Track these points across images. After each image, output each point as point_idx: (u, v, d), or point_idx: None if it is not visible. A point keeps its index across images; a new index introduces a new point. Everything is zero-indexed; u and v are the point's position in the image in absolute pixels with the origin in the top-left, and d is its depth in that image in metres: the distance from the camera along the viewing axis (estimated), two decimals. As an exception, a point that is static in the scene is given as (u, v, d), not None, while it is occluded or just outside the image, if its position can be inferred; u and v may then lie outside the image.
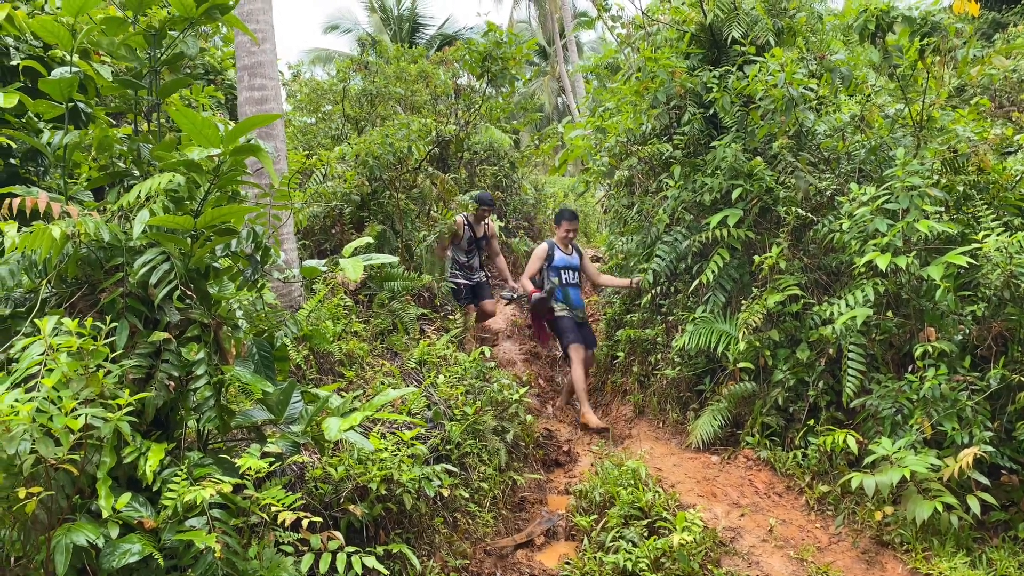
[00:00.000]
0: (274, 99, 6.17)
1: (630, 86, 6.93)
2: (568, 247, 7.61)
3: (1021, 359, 4.62)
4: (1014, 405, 4.49)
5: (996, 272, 4.48)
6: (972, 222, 5.11)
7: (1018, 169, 5.16)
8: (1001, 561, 4.15)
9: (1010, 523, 4.44)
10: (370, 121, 10.35)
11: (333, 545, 3.42)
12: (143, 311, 3.10)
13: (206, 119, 2.89)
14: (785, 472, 5.28)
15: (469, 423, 5.37)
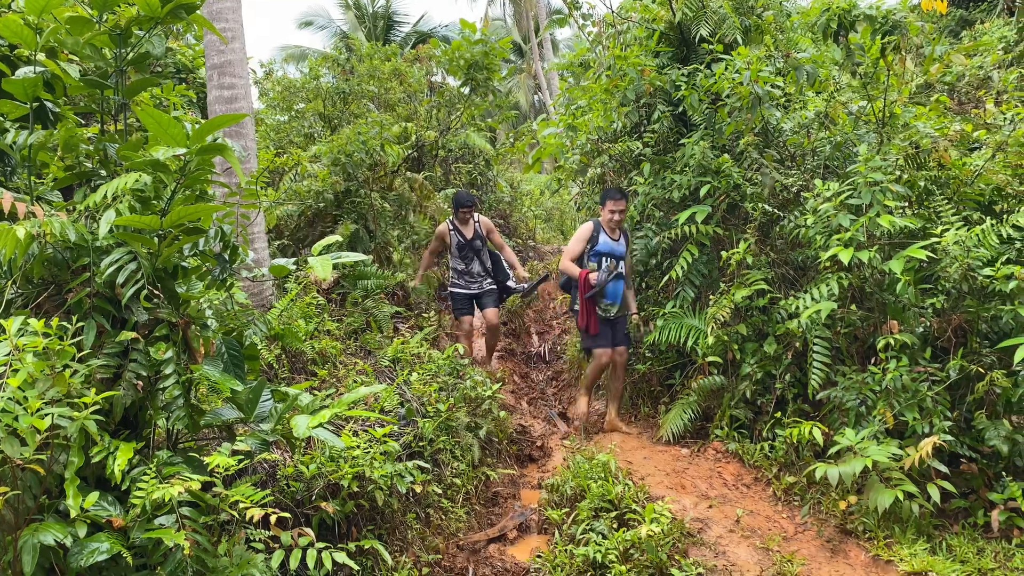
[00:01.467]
0: (244, 98, 6.17)
1: (600, 84, 6.99)
2: (616, 232, 6.48)
3: (979, 350, 4.74)
4: (973, 395, 4.60)
5: (955, 265, 4.59)
6: (933, 217, 5.22)
7: (977, 164, 5.28)
8: (961, 547, 4.25)
9: (969, 510, 4.56)
10: (344, 119, 10.34)
11: (304, 541, 3.45)
12: (110, 311, 3.10)
13: (172, 119, 2.90)
14: (753, 464, 5.38)
15: (442, 420, 5.41)
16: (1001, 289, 4.45)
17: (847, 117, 5.67)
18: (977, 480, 4.62)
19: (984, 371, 4.52)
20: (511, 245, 12.09)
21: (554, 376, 8.72)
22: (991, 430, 4.45)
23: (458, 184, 11.57)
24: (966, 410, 4.68)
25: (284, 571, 3.60)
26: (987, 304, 4.68)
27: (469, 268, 7.66)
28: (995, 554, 4.18)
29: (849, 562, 4.29)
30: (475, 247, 7.65)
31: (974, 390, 4.57)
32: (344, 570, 3.95)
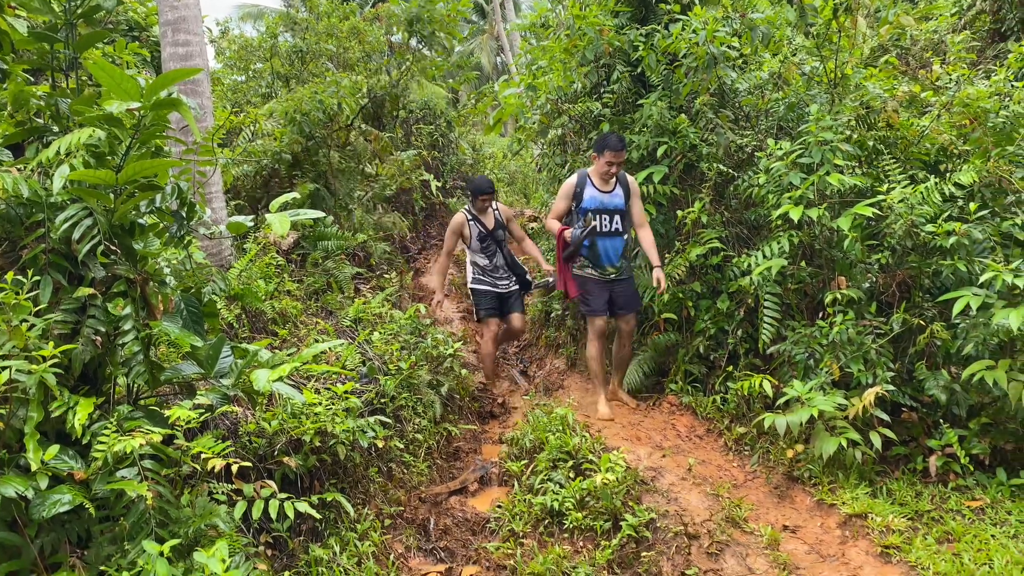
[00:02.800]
0: (199, 55, 6.08)
1: (560, 44, 6.99)
2: (610, 182, 5.75)
3: (922, 304, 4.92)
4: (915, 347, 4.79)
5: (899, 222, 4.75)
6: (882, 176, 5.37)
7: (923, 125, 5.43)
8: (900, 491, 4.47)
9: (909, 457, 4.77)
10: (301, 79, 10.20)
11: (266, 493, 3.52)
12: (67, 267, 3.10)
13: (124, 72, 2.89)
14: (705, 416, 5.57)
15: (404, 377, 5.49)
16: (942, 245, 4.63)
17: (800, 78, 5.78)
18: (917, 428, 4.83)
19: (925, 324, 4.71)
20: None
21: (516, 336, 8.83)
22: (931, 380, 4.65)
23: (419, 145, 11.52)
24: (908, 361, 4.88)
25: (247, 523, 3.68)
26: (929, 260, 4.86)
27: (494, 262, 6.81)
28: (932, 497, 4.39)
29: (795, 507, 4.49)
30: (498, 238, 6.81)
31: (916, 342, 4.77)
32: (307, 522, 4.04)
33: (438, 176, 11.65)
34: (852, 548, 4.02)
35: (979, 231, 4.65)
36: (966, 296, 4.37)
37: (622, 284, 5.88)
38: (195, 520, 3.07)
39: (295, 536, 3.90)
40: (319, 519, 3.91)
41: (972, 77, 5.85)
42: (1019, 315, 4.10)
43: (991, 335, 4.40)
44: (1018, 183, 4.97)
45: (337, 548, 3.89)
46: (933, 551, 3.86)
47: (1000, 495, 4.35)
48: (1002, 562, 3.67)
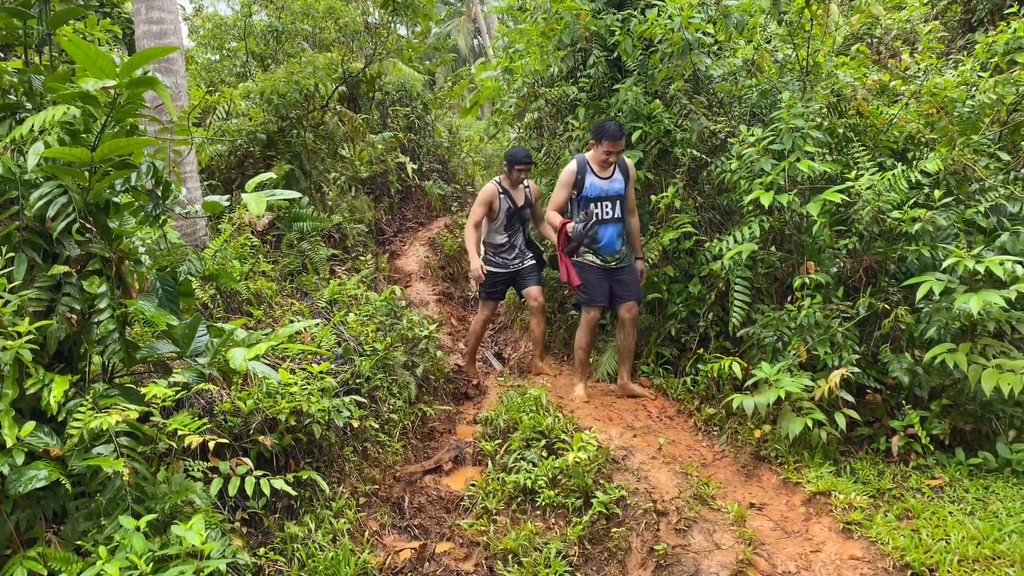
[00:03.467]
0: (173, 33, 6.02)
1: (537, 27, 7.01)
2: (609, 169, 5.68)
3: (887, 289, 5.04)
4: (880, 331, 4.91)
5: (867, 209, 4.85)
6: (851, 162, 5.47)
7: (892, 113, 5.53)
8: (863, 470, 4.59)
9: (873, 437, 4.90)
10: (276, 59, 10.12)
11: (242, 470, 3.56)
12: (41, 245, 3.10)
13: (100, 50, 2.88)
14: (676, 397, 5.68)
15: (379, 358, 5.53)
16: (908, 231, 4.74)
17: (773, 65, 5.86)
18: (881, 409, 4.96)
19: (890, 308, 4.83)
20: (450, 191, 12.13)
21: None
22: (895, 363, 4.77)
23: (395, 127, 11.49)
24: (873, 345, 5.00)
25: (223, 500, 3.72)
26: (895, 245, 4.97)
27: (513, 241, 6.53)
28: (893, 476, 4.52)
29: (761, 485, 4.60)
30: (523, 216, 6.52)
31: (881, 326, 4.88)
32: (282, 500, 4.08)
33: (414, 158, 11.64)
34: (815, 524, 4.14)
35: (943, 218, 4.77)
36: (929, 281, 4.49)
37: (623, 272, 5.77)
38: (171, 496, 3.10)
39: (270, 514, 3.95)
40: (295, 496, 3.96)
41: (940, 67, 5.95)
42: (979, 300, 4.22)
43: (953, 319, 4.53)
44: (982, 171, 5.09)
45: (312, 525, 3.94)
46: (893, 527, 3.98)
47: (958, 474, 4.48)
48: (958, 537, 3.80)
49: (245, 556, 3.17)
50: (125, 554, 2.68)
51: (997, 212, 5.05)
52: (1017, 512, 3.94)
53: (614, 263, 5.73)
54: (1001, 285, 4.36)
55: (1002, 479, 4.40)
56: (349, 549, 3.88)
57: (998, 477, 4.44)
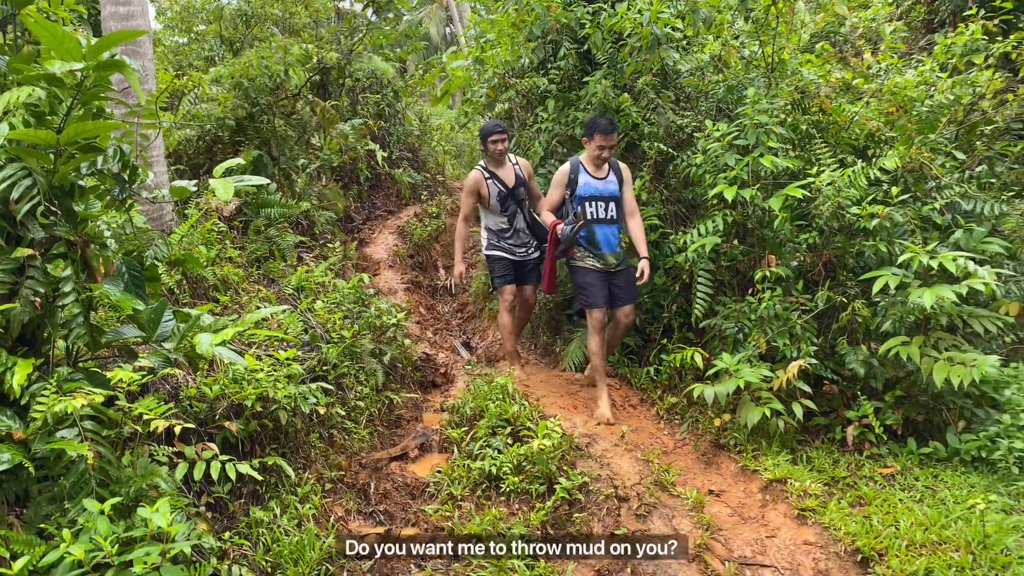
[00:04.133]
0: (141, 15, 5.95)
1: (508, 18, 7.04)
2: (602, 168, 5.58)
3: (845, 282, 5.17)
4: (837, 323, 5.05)
5: (827, 204, 4.97)
6: (813, 159, 5.59)
7: (854, 111, 5.66)
8: (819, 459, 4.73)
9: (829, 426, 5.04)
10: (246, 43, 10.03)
11: (207, 455, 3.57)
12: (5, 227, 3.08)
13: (67, 32, 2.87)
14: (640, 386, 5.78)
15: (346, 346, 5.55)
16: (866, 227, 4.87)
17: (739, 61, 5.96)
18: (837, 400, 5.10)
19: (848, 301, 4.96)
20: (420, 180, 12.11)
21: (459, 308, 8.94)
22: (851, 355, 4.91)
23: (366, 115, 11.44)
24: (830, 337, 5.14)
25: (188, 484, 3.73)
26: (853, 240, 5.10)
27: (514, 224, 6.17)
28: (847, 464, 4.66)
29: (720, 472, 4.72)
30: (518, 197, 6.12)
31: (838, 319, 5.02)
32: (248, 485, 4.10)
33: (384, 146, 11.60)
34: (772, 511, 4.26)
35: (900, 214, 4.90)
36: (885, 276, 4.62)
37: (622, 275, 5.60)
38: (136, 480, 3.11)
39: (235, 499, 3.96)
40: (260, 481, 3.98)
41: (901, 66, 6.09)
42: (932, 295, 4.36)
43: (907, 313, 4.67)
44: (938, 170, 5.24)
45: (278, 510, 3.97)
46: (845, 513, 4.11)
47: (909, 463, 4.64)
48: (907, 523, 3.94)
49: (210, 539, 3.20)
50: (89, 537, 2.69)
51: (952, 209, 5.21)
52: (963, 499, 4.09)
53: (613, 265, 5.59)
54: (954, 280, 4.51)
55: (951, 468, 4.56)
56: (314, 534, 3.91)
57: (947, 466, 4.60)
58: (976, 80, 5.62)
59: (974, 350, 4.69)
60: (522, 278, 6.24)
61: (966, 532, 3.78)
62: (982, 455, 4.58)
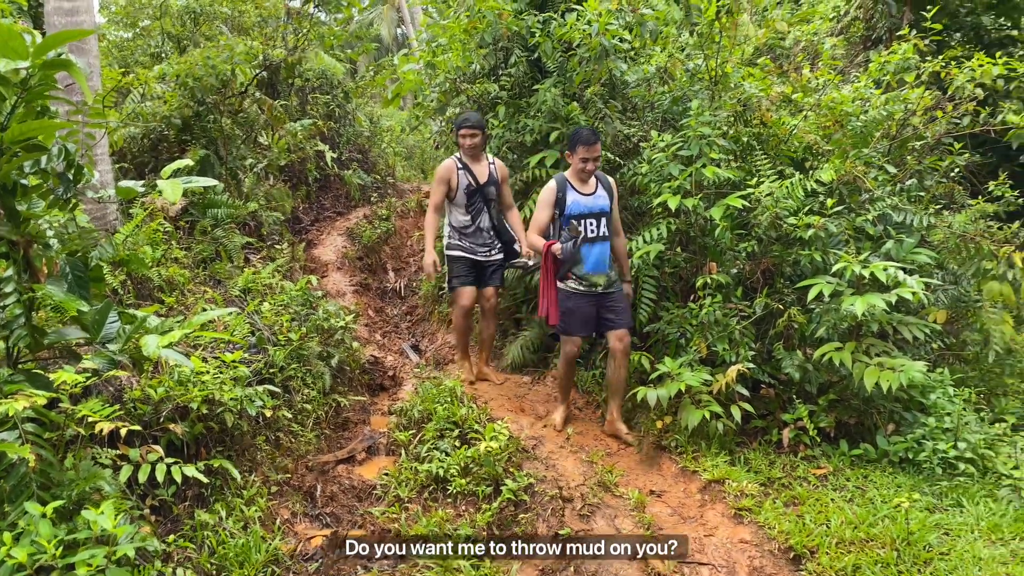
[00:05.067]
0: (86, 11, 5.86)
1: (459, 24, 7.10)
2: (589, 182, 5.25)
3: (782, 290, 5.37)
4: (774, 329, 5.23)
5: (765, 214, 5.15)
6: (753, 170, 5.78)
7: (793, 124, 5.87)
8: (756, 460, 4.89)
9: (766, 429, 5.22)
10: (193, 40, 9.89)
11: (152, 457, 3.55)
12: (-56, 226, 3.04)
13: (12, 29, 2.84)
14: (586, 389, 5.89)
15: (293, 348, 5.54)
16: (802, 236, 5.06)
17: (684, 74, 6.12)
18: (774, 403, 5.28)
19: (784, 308, 5.15)
20: (370, 181, 12.08)
21: (409, 311, 8.95)
22: (787, 360, 5.09)
23: (315, 115, 11.37)
24: (768, 342, 5.32)
25: (131, 488, 3.70)
26: (790, 249, 5.30)
27: (479, 223, 5.93)
28: (783, 465, 4.84)
29: (661, 473, 4.85)
30: (487, 195, 5.90)
31: (775, 325, 5.20)
32: (193, 488, 4.08)
33: (333, 147, 11.55)
34: (710, 511, 4.41)
35: (834, 225, 5.11)
36: (820, 284, 4.81)
37: (612, 297, 5.24)
38: (79, 483, 3.09)
39: (180, 502, 3.94)
40: (206, 484, 3.97)
41: (838, 82, 6.33)
42: (864, 303, 4.56)
43: (840, 320, 4.87)
44: (871, 183, 5.47)
45: (223, 513, 3.95)
46: (780, 513, 4.27)
47: (841, 464, 4.84)
48: (837, 522, 4.12)
49: (154, 542, 3.18)
50: (31, 540, 2.67)
51: (884, 221, 5.44)
52: (890, 499, 4.29)
53: (602, 287, 5.19)
54: (885, 289, 4.71)
55: (880, 468, 4.77)
56: (260, 536, 3.91)
57: (876, 467, 4.81)
58: (908, 97, 5.87)
59: (903, 356, 4.92)
60: (483, 280, 6.05)
61: (892, 530, 3.97)
62: (909, 456, 4.80)
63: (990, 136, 6.11)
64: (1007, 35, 12.11)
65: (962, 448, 4.69)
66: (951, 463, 4.68)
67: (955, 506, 4.32)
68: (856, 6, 12.11)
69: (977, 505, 4.28)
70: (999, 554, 3.78)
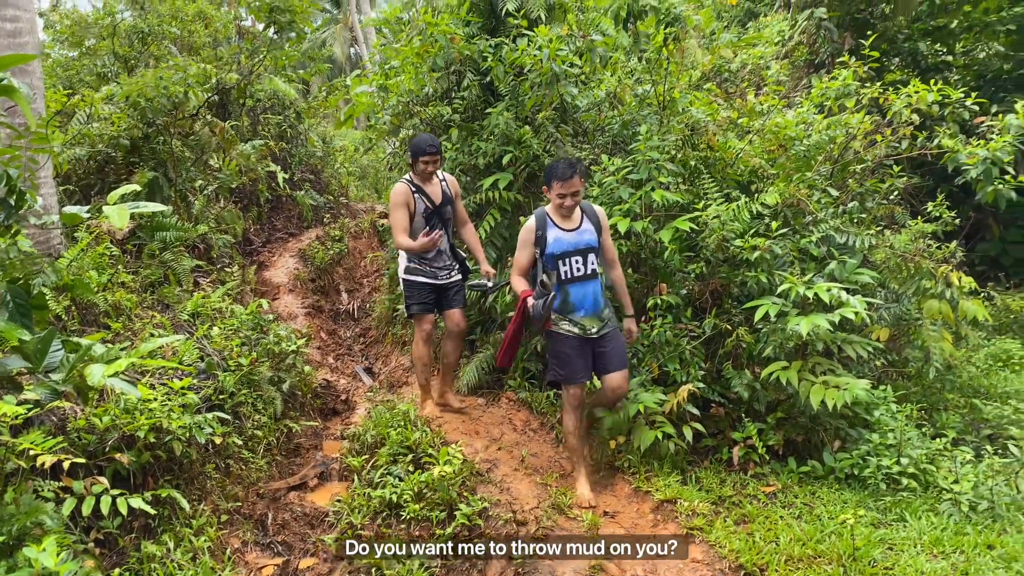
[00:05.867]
0: (30, 32, 5.75)
1: (412, 47, 7.14)
2: (573, 216, 4.75)
3: (730, 310, 5.47)
4: (723, 349, 5.33)
5: (713, 236, 5.26)
6: (701, 193, 5.90)
7: (739, 148, 6.01)
8: (707, 479, 4.97)
9: (717, 448, 5.30)
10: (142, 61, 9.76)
11: (97, 489, 3.48)
12: None
13: (-48, 57, 2.79)
14: (540, 411, 5.92)
15: (244, 373, 5.47)
16: (748, 258, 5.18)
17: (633, 99, 6.24)
18: (724, 422, 5.37)
19: (732, 328, 5.26)
20: (322, 202, 12.02)
21: (362, 333, 8.91)
22: (736, 379, 5.19)
23: (267, 135, 11.28)
24: (717, 362, 5.42)
25: (75, 520, 3.61)
26: (738, 271, 5.41)
27: (438, 246, 5.65)
28: (734, 484, 4.92)
29: (615, 494, 4.89)
30: (444, 215, 5.65)
31: (724, 344, 5.31)
32: (140, 519, 4.00)
33: (285, 168, 11.47)
34: (662, 530, 4.45)
35: (779, 247, 5.24)
36: (766, 304, 4.93)
37: (606, 340, 4.80)
38: (20, 518, 3.01)
39: (126, 533, 3.86)
40: (153, 515, 3.89)
41: (782, 107, 6.52)
42: (809, 323, 4.68)
43: (787, 339, 4.99)
44: (814, 205, 5.63)
45: (171, 544, 3.88)
46: (731, 531, 4.33)
47: (790, 481, 4.93)
48: (786, 539, 4.19)
49: (98, 577, 3.11)
50: (-32, 578, 2.59)
51: (827, 242, 5.60)
52: (837, 515, 4.39)
53: (595, 329, 4.76)
54: (829, 309, 4.84)
55: (827, 485, 4.88)
56: (210, 567, 3.84)
57: (824, 483, 4.92)
58: (848, 122, 6.07)
59: (848, 374, 5.05)
60: (446, 303, 5.74)
61: (838, 546, 4.06)
62: (854, 472, 4.92)
63: (927, 159, 6.34)
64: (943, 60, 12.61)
65: (905, 463, 4.82)
66: (894, 478, 4.81)
67: (899, 521, 4.43)
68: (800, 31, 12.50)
69: (919, 519, 4.39)
70: (940, 567, 3.88)
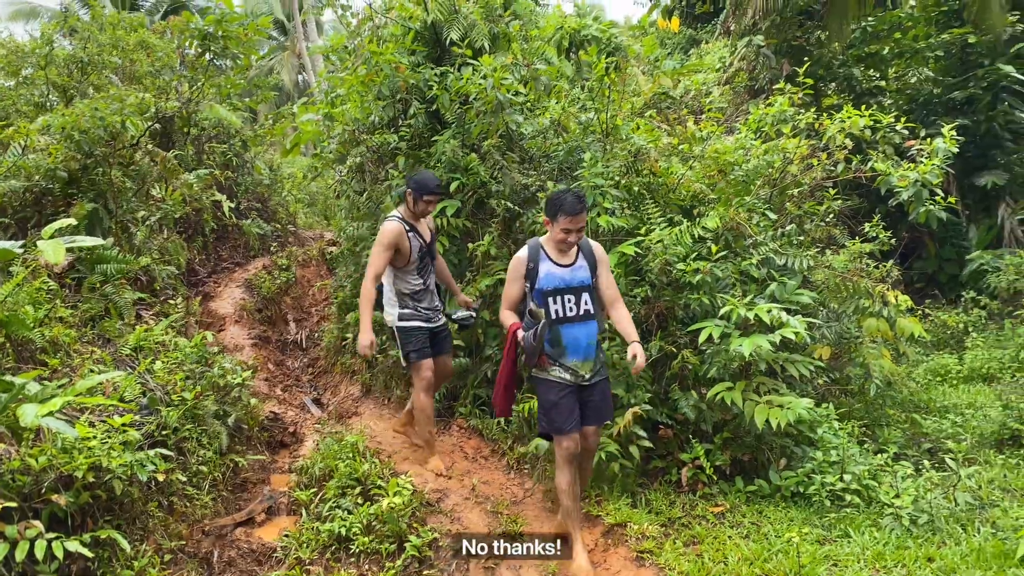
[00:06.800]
0: (-40, 63, 5.62)
1: (358, 76, 7.16)
2: (569, 254, 4.41)
3: (676, 333, 5.56)
4: (670, 371, 5.41)
5: (656, 260, 5.36)
6: (645, 218, 6.01)
7: (680, 173, 6.15)
8: (657, 501, 5.01)
9: (666, 469, 5.36)
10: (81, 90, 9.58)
11: (31, 533, 3.37)
12: None
13: None
14: (491, 438, 5.92)
15: (188, 408, 5.35)
16: (691, 281, 5.28)
17: (577, 126, 6.35)
18: (672, 443, 5.44)
19: (678, 351, 5.34)
20: (269, 230, 11.89)
21: (310, 363, 8.79)
22: (683, 400, 5.27)
23: (212, 164, 11.14)
24: (664, 383, 5.49)
25: (8, 567, 3.48)
26: (681, 294, 5.51)
27: (428, 284, 5.40)
28: (683, 505, 4.97)
29: (566, 519, 4.89)
30: (433, 252, 5.46)
31: (670, 366, 5.38)
32: (78, 563, 3.87)
33: (231, 197, 11.32)
34: (613, 555, 4.47)
35: (721, 270, 5.36)
36: (709, 327, 5.02)
37: (595, 390, 4.43)
38: (-53, 567, 2.89)
39: (63, 578, 3.73)
40: (91, 558, 3.77)
41: (720, 133, 6.69)
42: (751, 343, 4.78)
43: (730, 360, 5.08)
44: (754, 228, 5.77)
45: (111, 587, 3.76)
46: (680, 553, 4.38)
47: (738, 500, 5.01)
48: (735, 559, 4.25)
49: (33, 626, 3.00)
50: None
51: (767, 264, 5.74)
52: (783, 533, 4.46)
53: (589, 375, 4.39)
54: (770, 330, 4.95)
55: (773, 503, 4.97)
56: (151, 610, 3.74)
57: (770, 502, 5.01)
58: (785, 147, 6.26)
59: (791, 393, 5.16)
60: (437, 348, 5.45)
61: (785, 564, 4.13)
62: (800, 490, 5.02)
63: (862, 182, 6.56)
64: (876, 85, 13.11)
65: (848, 480, 4.93)
66: (838, 495, 4.91)
67: (843, 537, 4.52)
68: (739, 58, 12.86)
69: (863, 535, 4.49)
70: (882, 581, 3.98)
